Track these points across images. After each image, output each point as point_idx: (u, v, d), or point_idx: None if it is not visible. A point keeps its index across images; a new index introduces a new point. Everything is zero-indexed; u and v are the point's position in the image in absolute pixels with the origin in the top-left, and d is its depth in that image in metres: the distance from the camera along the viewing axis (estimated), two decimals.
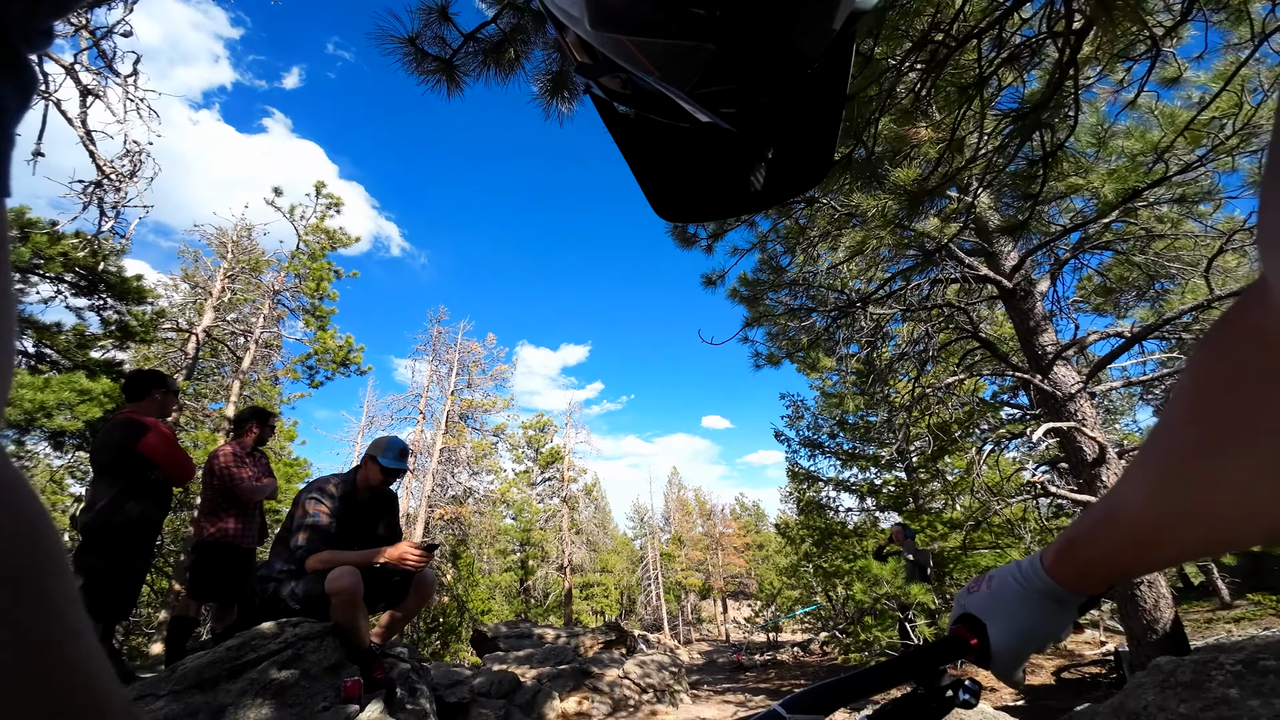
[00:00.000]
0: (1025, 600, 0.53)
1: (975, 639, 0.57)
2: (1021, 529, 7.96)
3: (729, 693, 8.72)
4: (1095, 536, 0.49)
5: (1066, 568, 0.52)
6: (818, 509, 11.07)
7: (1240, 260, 5.56)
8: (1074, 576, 0.51)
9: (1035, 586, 0.53)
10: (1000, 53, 2.07)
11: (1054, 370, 5.26)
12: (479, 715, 4.95)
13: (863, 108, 2.28)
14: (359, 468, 3.04)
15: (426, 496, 16.68)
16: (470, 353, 20.54)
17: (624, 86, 0.46)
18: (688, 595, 34.80)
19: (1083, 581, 0.51)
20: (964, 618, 0.59)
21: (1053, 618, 0.53)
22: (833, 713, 0.57)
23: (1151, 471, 0.41)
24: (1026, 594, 0.53)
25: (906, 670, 0.57)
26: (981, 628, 0.56)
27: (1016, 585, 0.54)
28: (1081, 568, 0.51)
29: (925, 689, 0.57)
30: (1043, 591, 0.52)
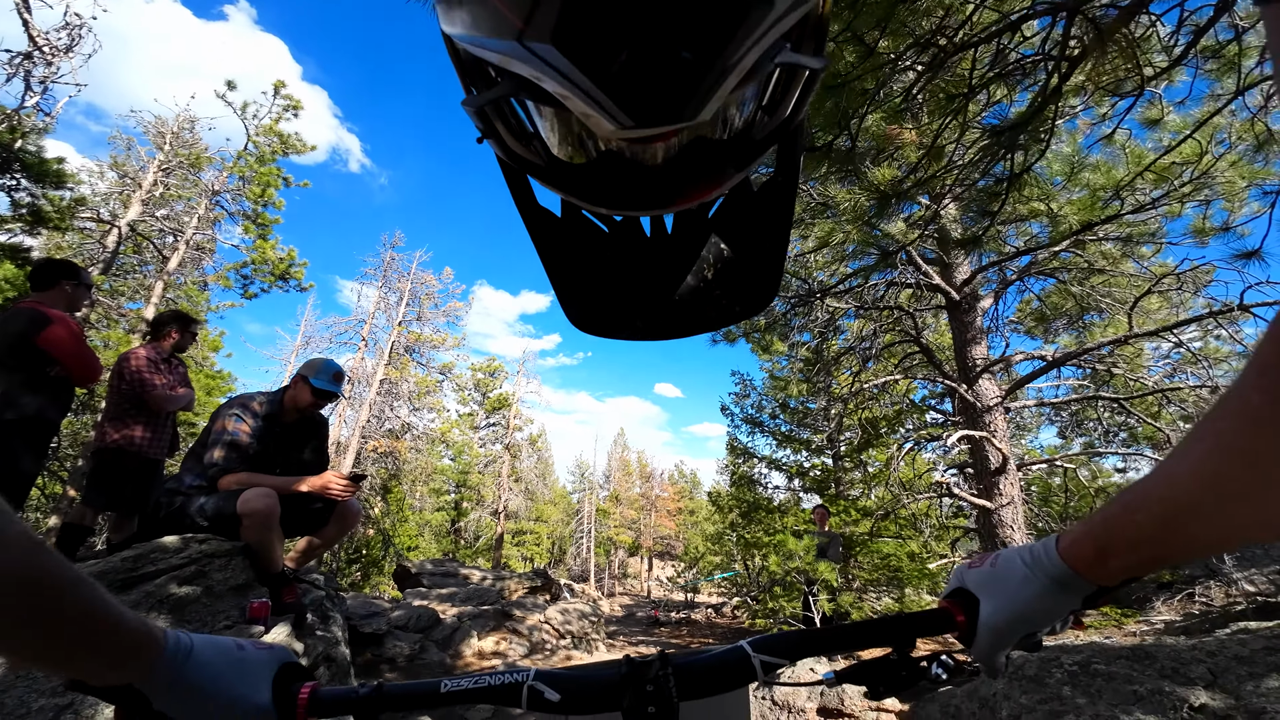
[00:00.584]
0: (1029, 581, 0.50)
1: (963, 616, 0.55)
2: (923, 524, 8.69)
3: (643, 644, 9.24)
4: (1121, 518, 0.46)
5: (1082, 551, 0.48)
6: (749, 483, 11.63)
7: (1162, 303, 6.07)
8: (1087, 562, 0.48)
9: (1043, 568, 0.50)
10: (994, 68, 2.09)
11: (979, 382, 5.64)
12: (393, 647, 5.01)
13: (853, 99, 2.25)
14: (287, 387, 2.88)
15: (361, 426, 16.20)
16: (424, 284, 19.67)
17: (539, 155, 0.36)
18: (617, 551, 36.16)
19: (1096, 569, 0.48)
20: (957, 593, 0.57)
21: (1053, 604, 0.50)
22: (799, 659, 0.56)
23: (1205, 444, 0.39)
24: (1031, 575, 0.50)
25: (883, 634, 0.56)
26: (973, 605, 0.54)
27: (1022, 565, 0.51)
28: (1098, 552, 0.48)
29: (898, 655, 0.56)
30: (1049, 574, 0.49)
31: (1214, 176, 3.30)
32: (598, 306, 0.52)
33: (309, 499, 2.85)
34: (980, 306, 5.92)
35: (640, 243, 0.49)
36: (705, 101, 0.27)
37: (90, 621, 0.41)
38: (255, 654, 0.52)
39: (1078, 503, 9.81)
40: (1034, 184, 2.74)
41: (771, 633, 0.57)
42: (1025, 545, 0.53)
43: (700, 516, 29.35)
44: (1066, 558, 0.49)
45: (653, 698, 0.51)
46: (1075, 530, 0.50)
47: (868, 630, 0.56)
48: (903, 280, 5.98)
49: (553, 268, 0.50)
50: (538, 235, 0.48)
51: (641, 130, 0.28)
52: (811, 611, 6.84)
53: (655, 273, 0.50)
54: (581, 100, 0.26)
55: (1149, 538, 0.44)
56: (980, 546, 6.06)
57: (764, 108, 0.34)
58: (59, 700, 1.25)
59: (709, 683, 0.54)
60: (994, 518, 5.45)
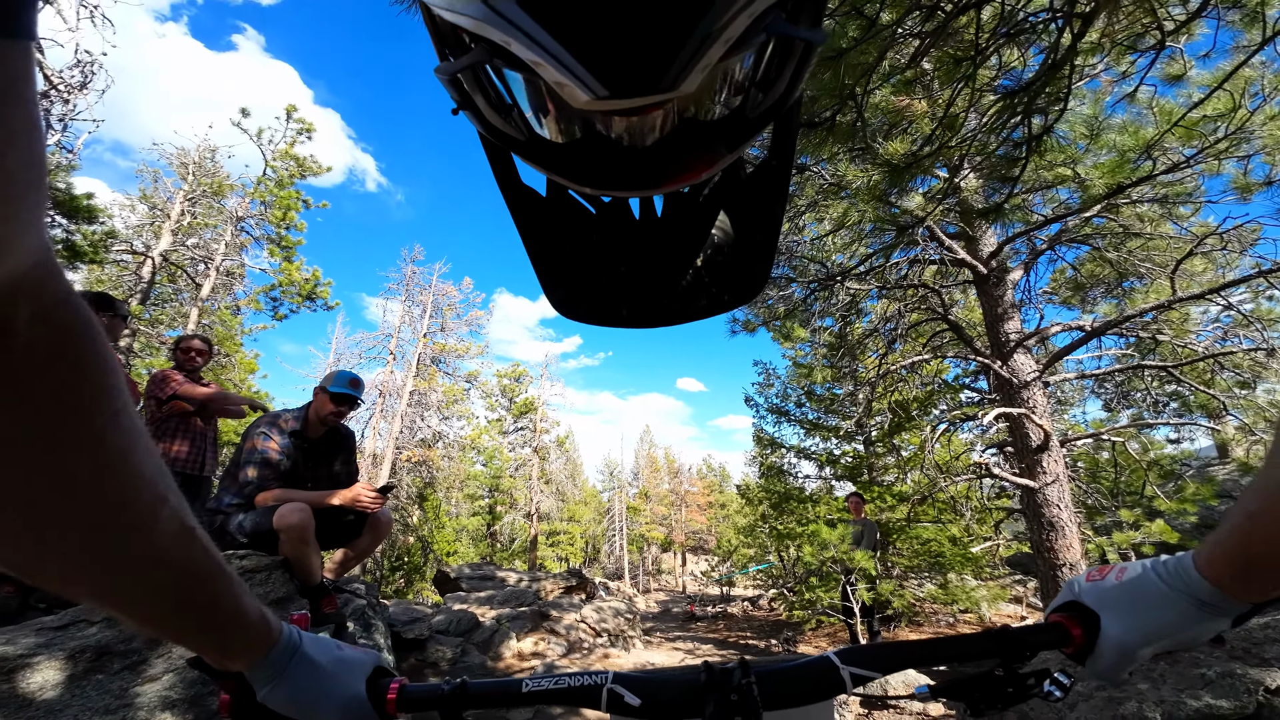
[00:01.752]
0: (1169, 601, 0.46)
1: (1079, 631, 0.51)
2: (964, 507, 8.42)
3: (679, 640, 9.24)
4: (1253, 530, 0.42)
5: (1225, 569, 0.44)
6: (778, 474, 11.48)
7: (1207, 265, 5.72)
8: (1234, 579, 0.43)
9: (1184, 588, 0.45)
10: (1003, 28, 1.98)
11: (1014, 358, 5.42)
12: (436, 651, 5.13)
13: (855, 73, 2.17)
14: (311, 402, 2.97)
15: (394, 438, 16.63)
16: (445, 295, 20.06)
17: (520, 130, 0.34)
18: (650, 547, 36.27)
19: (1246, 586, 0.43)
20: (1070, 606, 0.53)
21: (1195, 625, 0.45)
22: (891, 672, 0.54)
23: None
24: (1171, 593, 0.46)
25: (990, 647, 0.53)
26: (1092, 621, 0.50)
27: (1160, 583, 0.47)
28: (1240, 568, 0.43)
29: (1005, 671, 0.52)
30: (1195, 594, 0.45)
31: (1250, 131, 3.08)
32: (582, 292, 0.50)
33: (342, 511, 2.93)
34: (1010, 279, 5.68)
35: (628, 226, 0.47)
36: (686, 71, 0.25)
37: (221, 610, 0.44)
38: (353, 654, 0.56)
39: (1129, 477, 9.36)
40: (1056, 148, 2.60)
41: (862, 645, 0.55)
42: (1154, 559, 0.49)
43: (731, 510, 29.18)
44: (1210, 576, 0.44)
45: (738, 706, 0.50)
46: (1210, 545, 0.45)
47: (971, 643, 0.53)
48: (926, 257, 5.79)
49: (535, 250, 0.48)
50: (520, 215, 0.46)
51: (618, 101, 0.26)
52: (850, 601, 6.71)
53: (643, 258, 0.48)
54: (553, 67, 0.25)
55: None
56: (1028, 528, 5.83)
57: (757, 84, 0.32)
58: (113, 719, 1.31)
59: (793, 693, 0.53)
60: (1039, 497, 5.24)
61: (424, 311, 19.35)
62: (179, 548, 0.39)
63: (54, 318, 0.29)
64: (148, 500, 0.36)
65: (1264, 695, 1.54)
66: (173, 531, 0.38)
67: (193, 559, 0.40)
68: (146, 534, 0.36)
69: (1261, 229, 4.72)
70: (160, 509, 0.37)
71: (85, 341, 0.30)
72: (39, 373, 0.28)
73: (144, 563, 0.37)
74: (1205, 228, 5.07)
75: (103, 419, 0.32)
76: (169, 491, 0.37)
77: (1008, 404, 5.27)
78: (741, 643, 8.96)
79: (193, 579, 0.41)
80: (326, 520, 2.86)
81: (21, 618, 2.64)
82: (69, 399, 0.30)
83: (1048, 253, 5.95)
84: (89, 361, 0.31)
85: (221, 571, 0.43)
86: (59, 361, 0.29)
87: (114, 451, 0.33)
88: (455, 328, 19.88)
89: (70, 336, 0.30)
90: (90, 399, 0.31)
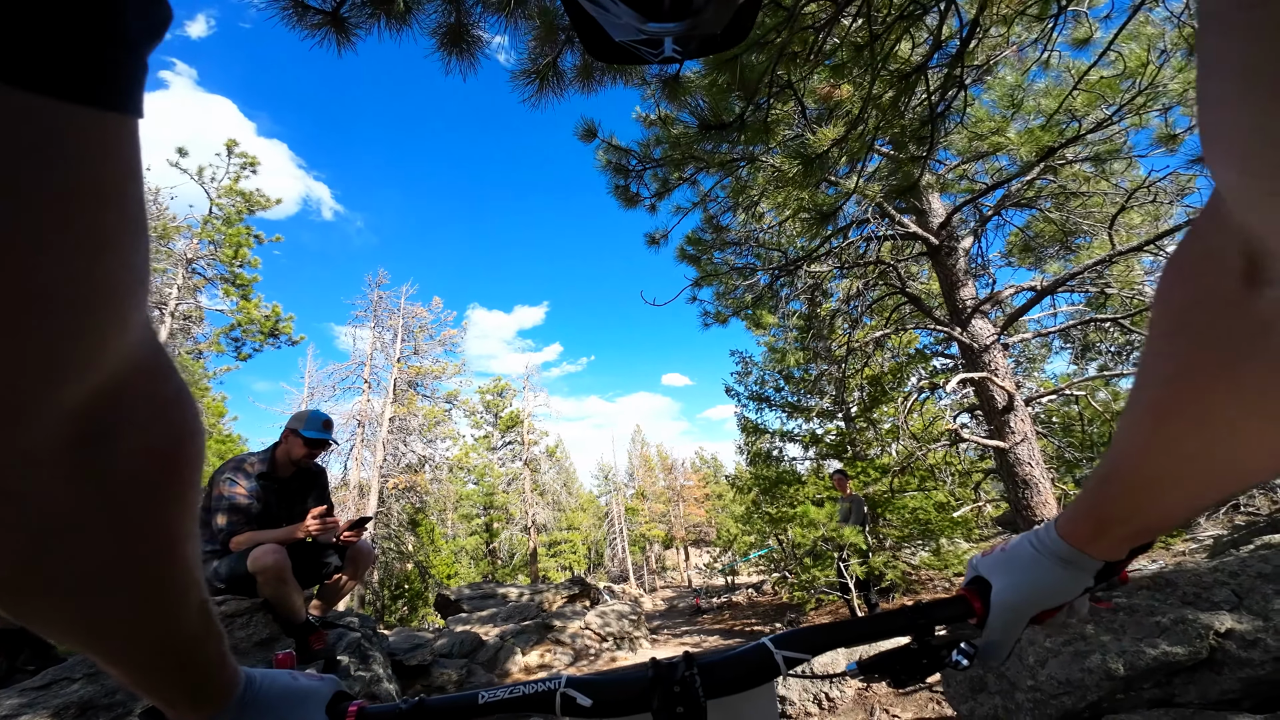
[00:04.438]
0: (1037, 561, 0.51)
1: (979, 601, 0.55)
2: (944, 473, 8.64)
3: (685, 635, 9.29)
4: (1102, 494, 0.46)
5: (1078, 529, 0.49)
6: (766, 459, 11.62)
7: (1143, 217, 5.98)
8: (1086, 538, 0.49)
9: (1047, 548, 0.50)
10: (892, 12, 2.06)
11: (972, 323, 5.59)
12: (440, 675, 5.09)
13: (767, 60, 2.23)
14: (279, 443, 2.93)
15: (379, 466, 16.35)
16: (415, 317, 19.77)
17: None
18: (652, 546, 36.30)
19: (1096, 544, 0.48)
20: (974, 581, 0.57)
21: (1061, 581, 0.50)
22: (820, 654, 0.57)
23: (1141, 415, 0.39)
24: (1038, 555, 0.51)
25: (903, 623, 0.57)
26: (988, 590, 0.55)
27: (1030, 547, 0.52)
28: (1092, 528, 0.48)
29: (918, 644, 0.57)
30: (1055, 553, 0.50)
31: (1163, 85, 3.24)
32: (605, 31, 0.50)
33: (321, 548, 2.90)
34: (961, 248, 5.86)
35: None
36: None
37: (211, 669, 0.45)
38: (308, 683, 0.56)
39: (1099, 428, 9.70)
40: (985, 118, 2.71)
41: (794, 629, 0.59)
42: (1035, 529, 0.54)
43: (728, 499, 29.36)
44: (1066, 536, 0.49)
45: (680, 698, 0.53)
46: (1070, 508, 0.50)
47: (886, 621, 0.57)
48: (881, 234, 5.94)
49: None
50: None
51: None
52: (845, 577, 6.84)
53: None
54: None
55: (1130, 507, 0.44)
56: (1005, 487, 6.02)
57: None
58: None
59: (733, 681, 0.56)
60: (1010, 456, 5.41)
61: (395, 336, 19.05)
62: (198, 622, 0.40)
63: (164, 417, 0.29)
64: (188, 584, 0.37)
65: (1215, 639, 1.60)
66: (195, 606, 0.39)
67: (203, 628, 0.41)
68: (179, 614, 0.38)
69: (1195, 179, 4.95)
70: (193, 590, 0.38)
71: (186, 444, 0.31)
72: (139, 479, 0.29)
73: (167, 637, 0.39)
74: (1135, 181, 5.31)
75: (183, 518, 0.33)
76: (198, 569, 0.38)
77: (970, 369, 5.43)
78: (747, 630, 9.05)
79: (196, 645, 0.42)
80: (305, 558, 2.83)
81: (10, 681, 2.57)
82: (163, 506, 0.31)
83: (995, 218, 6.15)
84: (188, 462, 0.31)
85: (217, 633, 0.44)
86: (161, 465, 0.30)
87: (180, 547, 0.34)
88: (429, 349, 19.62)
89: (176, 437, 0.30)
90: (179, 504, 0.32)
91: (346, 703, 0.56)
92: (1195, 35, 0.23)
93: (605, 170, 4.29)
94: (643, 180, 4.55)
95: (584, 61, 2.25)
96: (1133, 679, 1.62)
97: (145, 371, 0.28)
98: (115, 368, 0.25)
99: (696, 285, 6.68)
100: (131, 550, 0.32)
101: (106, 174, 0.20)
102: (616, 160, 4.24)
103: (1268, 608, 1.58)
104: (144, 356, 0.27)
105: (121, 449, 0.28)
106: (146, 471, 0.29)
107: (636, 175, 4.39)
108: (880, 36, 1.99)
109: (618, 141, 4.18)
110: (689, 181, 5.33)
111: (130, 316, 0.24)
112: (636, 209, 5.19)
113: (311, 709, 0.54)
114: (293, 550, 2.65)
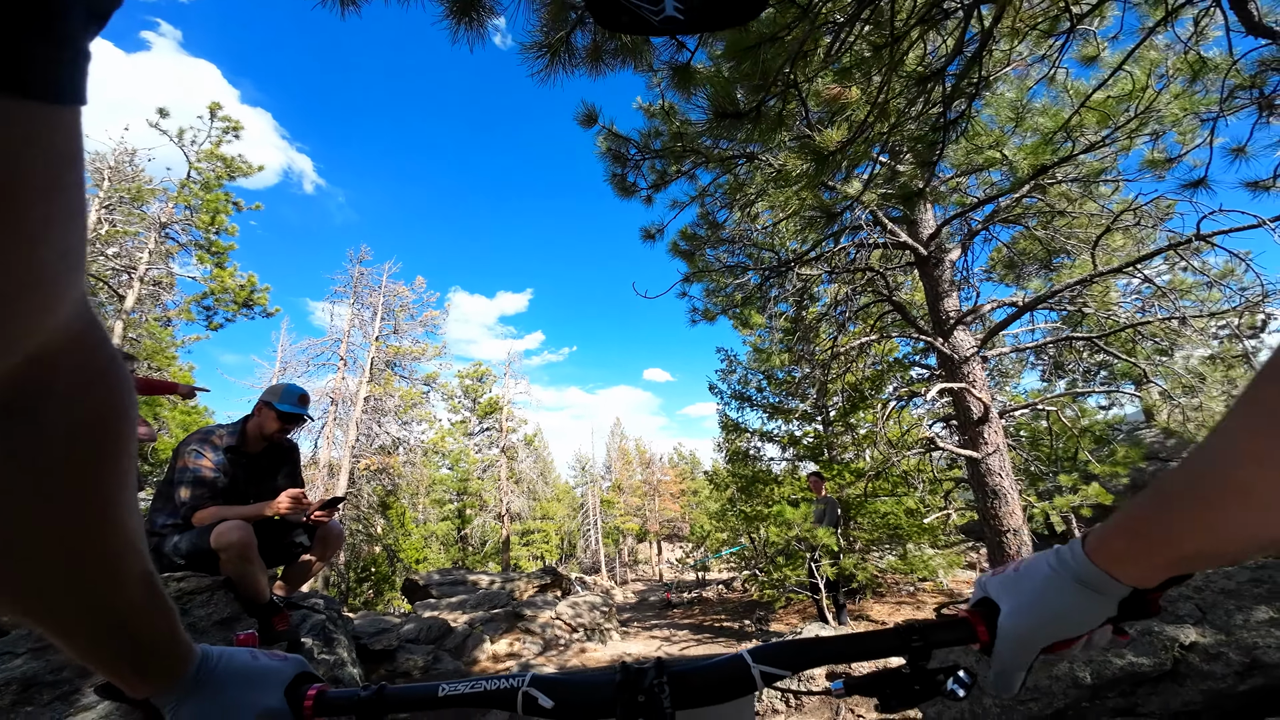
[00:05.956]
0: (1053, 582, 0.46)
1: (984, 625, 0.51)
2: (916, 479, 8.84)
3: (656, 629, 9.36)
4: (1154, 512, 0.41)
5: (1110, 549, 0.43)
6: (744, 458, 11.74)
7: (1126, 240, 6.15)
8: (1118, 560, 0.43)
9: (1069, 568, 0.45)
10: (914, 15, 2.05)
11: (954, 335, 5.70)
12: (406, 660, 5.01)
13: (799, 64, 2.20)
14: (250, 416, 2.82)
15: (351, 446, 16.01)
16: (397, 296, 19.36)
17: None
18: (625, 539, 36.46)
19: (1128, 567, 0.43)
20: (981, 603, 0.52)
21: (1081, 608, 0.45)
22: (802, 670, 0.54)
23: (1257, 417, 0.34)
24: (1056, 576, 0.45)
25: (896, 643, 0.53)
26: (994, 613, 0.50)
27: (1047, 567, 0.47)
28: (1130, 549, 0.43)
29: (912, 668, 0.52)
30: (1076, 574, 0.44)
31: (1159, 110, 3.31)
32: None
33: (288, 526, 2.81)
34: (948, 260, 5.95)
35: None
36: None
37: (159, 643, 0.46)
38: (269, 664, 0.56)
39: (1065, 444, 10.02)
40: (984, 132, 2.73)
41: (774, 642, 0.55)
42: (1056, 548, 0.48)
43: (703, 496, 29.65)
44: (1094, 556, 0.44)
45: (644, 708, 0.50)
46: (1103, 526, 0.45)
47: (879, 640, 0.53)
48: (871, 241, 5.99)
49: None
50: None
51: None
52: (816, 578, 6.95)
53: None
54: None
55: (1190, 527, 0.39)
56: (974, 496, 6.17)
57: None
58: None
59: (706, 693, 0.53)
60: (981, 466, 5.54)
61: (375, 314, 18.63)
62: (140, 593, 0.41)
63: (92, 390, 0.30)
64: (126, 554, 0.38)
65: (1179, 651, 1.64)
66: (136, 576, 0.40)
67: (148, 600, 0.42)
68: (119, 583, 0.39)
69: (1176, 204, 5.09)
70: (133, 560, 0.39)
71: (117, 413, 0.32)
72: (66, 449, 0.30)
73: (108, 608, 0.40)
74: (1122, 204, 5.45)
75: (115, 487, 0.34)
76: (140, 540, 0.39)
77: (950, 379, 5.53)
78: (716, 625, 9.15)
79: (142, 617, 0.43)
80: (271, 536, 2.73)
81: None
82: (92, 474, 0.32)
83: (983, 232, 6.26)
84: (117, 435, 0.33)
85: (166, 607, 0.45)
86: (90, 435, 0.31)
87: (115, 515, 0.35)
88: (410, 329, 19.23)
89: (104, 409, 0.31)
90: (109, 473, 0.33)
91: (307, 685, 0.56)
92: None
93: (604, 157, 4.23)
94: (640, 171, 4.50)
95: (594, 42, 2.20)
96: (1099, 688, 1.66)
97: (74, 345, 0.28)
98: (42, 343, 0.25)
99: (687, 280, 6.67)
100: (62, 519, 0.32)
101: (38, 166, 0.20)
102: (616, 148, 4.18)
103: (1229, 622, 1.63)
104: (75, 331, 0.27)
105: (46, 420, 0.28)
106: (74, 442, 0.30)
107: (635, 165, 4.34)
108: (901, 38, 1.98)
109: (618, 129, 4.12)
110: (687, 175, 5.29)
111: (61, 300, 0.24)
112: (632, 200, 5.14)
113: (269, 689, 0.53)
114: (258, 528, 2.55)
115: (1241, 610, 1.62)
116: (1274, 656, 1.46)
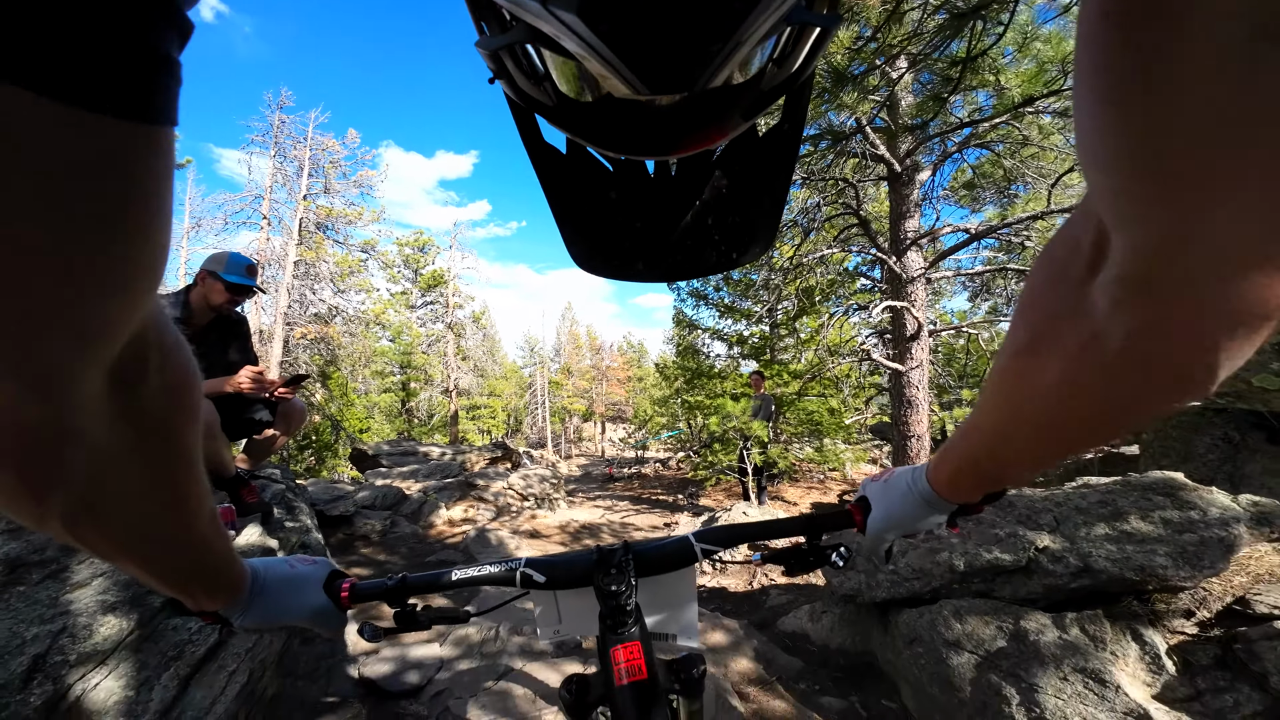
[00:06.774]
0: (907, 497, 0.61)
1: (861, 517, 0.68)
2: (844, 384, 9.69)
3: (599, 499, 10.33)
4: (960, 448, 0.53)
5: (940, 476, 0.58)
6: (693, 352, 12.27)
7: (1082, 180, 6.35)
8: (944, 485, 0.57)
9: (917, 489, 0.60)
10: None
11: (907, 255, 5.94)
12: (365, 524, 5.33)
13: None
14: (193, 286, 2.62)
15: (283, 313, 15.10)
16: (326, 151, 17.05)
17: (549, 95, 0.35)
18: (571, 418, 38.30)
19: (952, 490, 0.57)
20: (861, 500, 0.69)
21: (921, 517, 0.61)
22: (733, 547, 0.73)
23: (995, 379, 0.43)
24: (909, 492, 0.61)
25: (798, 528, 0.71)
26: (868, 508, 0.67)
27: (905, 485, 0.62)
28: (950, 477, 0.56)
29: (809, 545, 0.71)
30: (920, 494, 0.60)
31: None
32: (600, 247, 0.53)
33: (249, 402, 2.77)
34: (919, 179, 5.97)
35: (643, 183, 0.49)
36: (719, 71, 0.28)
37: (221, 569, 0.54)
38: (304, 569, 0.67)
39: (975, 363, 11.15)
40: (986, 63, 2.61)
41: (712, 526, 0.73)
42: (913, 466, 0.63)
43: (648, 383, 31.10)
44: (933, 483, 0.59)
45: (617, 577, 0.67)
46: (936, 456, 0.59)
47: (786, 525, 0.72)
48: (849, 149, 5.85)
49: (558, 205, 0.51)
50: (544, 172, 0.49)
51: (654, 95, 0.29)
52: (745, 463, 7.81)
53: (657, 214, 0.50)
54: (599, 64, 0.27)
55: (980, 460, 0.51)
56: (890, 403, 6.91)
57: (774, 60, 0.34)
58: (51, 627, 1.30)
59: (660, 565, 0.71)
60: (903, 379, 6.15)
61: (301, 169, 16.45)
62: (211, 527, 0.47)
63: (172, 358, 0.35)
64: (203, 494, 0.44)
65: (1034, 551, 2.07)
66: (208, 512, 0.46)
67: (215, 531, 0.49)
68: (198, 519, 0.45)
69: None
70: (206, 499, 0.45)
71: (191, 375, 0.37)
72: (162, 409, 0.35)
73: (188, 543, 0.47)
74: None
75: (195, 436, 0.40)
76: (207, 483, 0.45)
77: (895, 296, 5.87)
78: (653, 498, 10.24)
79: (213, 546, 0.50)
80: (233, 412, 2.70)
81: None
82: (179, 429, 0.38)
83: (955, 154, 6.25)
84: (192, 393, 0.38)
85: (226, 536, 0.52)
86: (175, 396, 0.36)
87: (197, 460, 0.41)
88: (342, 189, 17.28)
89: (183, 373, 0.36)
90: (191, 427, 0.39)
91: (340, 580, 0.68)
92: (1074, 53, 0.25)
93: None
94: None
95: None
96: (968, 575, 2.12)
97: (155, 324, 0.33)
98: (139, 325, 0.30)
99: None
100: (163, 471, 0.39)
101: (153, 179, 0.23)
102: None
103: (1075, 533, 2.07)
104: (154, 310, 0.32)
105: (146, 390, 0.33)
106: (165, 406, 0.35)
107: None
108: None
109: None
110: None
111: (157, 287, 0.28)
112: None
113: (310, 590, 0.66)
114: (218, 403, 2.52)
115: (1086, 524, 2.06)
116: (1101, 564, 1.91)
